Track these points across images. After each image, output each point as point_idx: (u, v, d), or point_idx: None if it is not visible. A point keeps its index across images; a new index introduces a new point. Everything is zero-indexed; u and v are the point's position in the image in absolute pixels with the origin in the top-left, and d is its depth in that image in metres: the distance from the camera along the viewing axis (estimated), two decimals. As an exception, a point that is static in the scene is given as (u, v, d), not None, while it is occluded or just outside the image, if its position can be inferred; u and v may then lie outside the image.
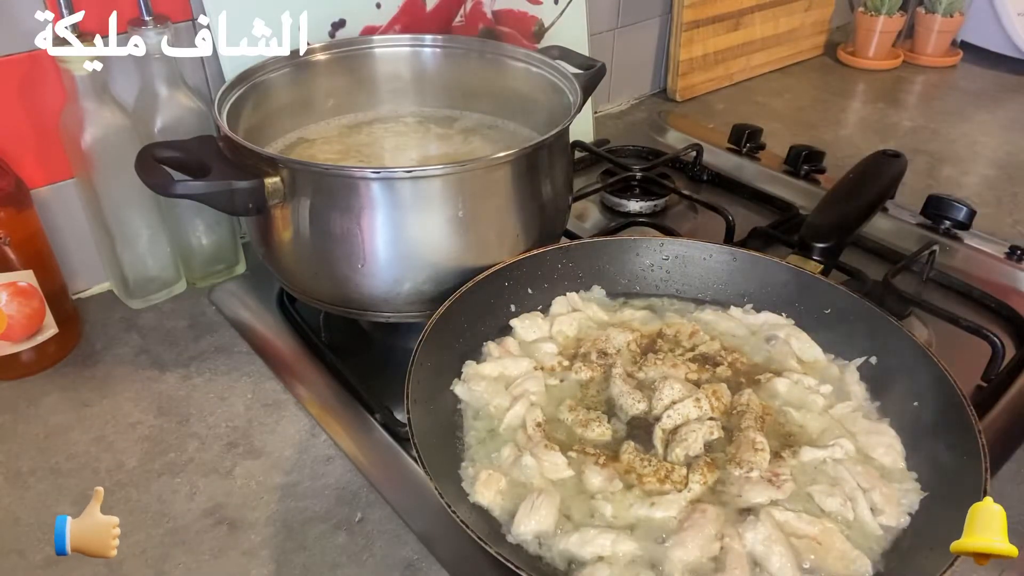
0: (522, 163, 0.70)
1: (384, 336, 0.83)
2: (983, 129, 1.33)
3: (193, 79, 0.82)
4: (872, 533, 0.56)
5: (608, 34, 1.27)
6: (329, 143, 0.85)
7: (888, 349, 0.67)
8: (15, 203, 0.71)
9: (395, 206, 0.67)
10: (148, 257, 0.83)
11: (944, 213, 0.97)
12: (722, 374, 0.69)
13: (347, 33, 0.91)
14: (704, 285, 0.78)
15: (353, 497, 0.64)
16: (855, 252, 0.93)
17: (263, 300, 0.86)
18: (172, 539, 0.60)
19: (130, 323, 0.82)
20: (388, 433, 0.69)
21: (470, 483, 0.58)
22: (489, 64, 0.88)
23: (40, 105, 0.75)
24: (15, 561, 0.58)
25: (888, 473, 0.60)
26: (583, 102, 0.77)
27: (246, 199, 0.65)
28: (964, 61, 1.58)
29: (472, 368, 0.68)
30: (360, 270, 0.69)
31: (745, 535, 0.54)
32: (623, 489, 0.58)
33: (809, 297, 0.74)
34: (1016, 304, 0.85)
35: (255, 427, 0.70)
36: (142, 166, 0.63)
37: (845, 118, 1.38)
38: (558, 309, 0.75)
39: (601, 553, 0.53)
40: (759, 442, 0.61)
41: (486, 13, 1.04)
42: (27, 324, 0.73)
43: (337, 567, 0.58)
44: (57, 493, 0.64)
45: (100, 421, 0.71)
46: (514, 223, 0.73)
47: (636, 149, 1.17)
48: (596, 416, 0.64)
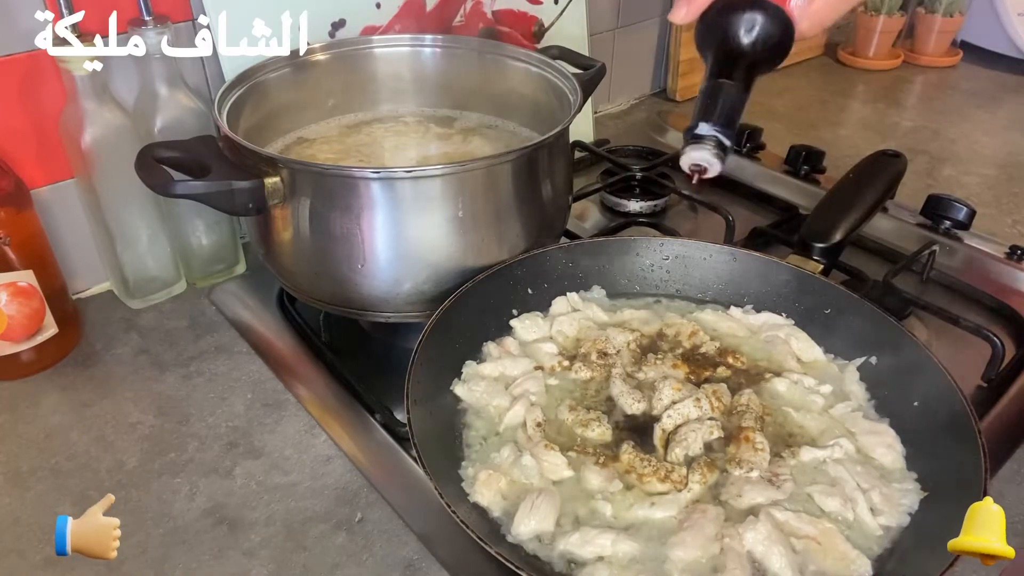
0: (522, 163, 0.70)
1: (384, 336, 0.83)
2: (983, 129, 1.33)
3: (193, 79, 0.82)
4: (872, 533, 0.56)
5: (608, 34, 1.27)
6: (329, 143, 0.85)
7: (888, 349, 0.67)
8: (15, 203, 0.71)
9: (395, 206, 0.67)
10: (148, 257, 0.83)
11: (944, 213, 0.97)
12: (722, 374, 0.69)
13: (347, 33, 0.91)
14: (704, 285, 0.78)
15: (353, 497, 0.64)
16: (855, 252, 0.93)
17: (263, 300, 0.86)
18: (172, 539, 0.60)
19: (130, 323, 0.82)
20: (388, 433, 0.69)
21: (470, 483, 0.58)
22: (489, 64, 0.88)
23: (40, 105, 0.75)
24: (15, 561, 0.58)
25: (888, 473, 0.60)
26: (583, 102, 0.77)
27: (246, 199, 0.65)
28: (964, 61, 1.58)
29: (472, 368, 0.68)
30: (360, 270, 0.69)
31: (745, 535, 0.54)
32: (623, 489, 0.58)
33: (809, 297, 0.74)
34: (1016, 304, 0.85)
35: (255, 427, 0.70)
36: (142, 166, 0.63)
37: (845, 118, 1.38)
38: (558, 309, 0.75)
39: (601, 553, 0.53)
40: (759, 442, 0.61)
41: (486, 13, 1.04)
42: (27, 324, 0.73)
43: (337, 567, 0.58)
44: (57, 493, 0.64)
45: (100, 421, 0.71)
46: (514, 223, 0.73)
47: (636, 149, 1.17)
48: (596, 416, 0.64)
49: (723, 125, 0.57)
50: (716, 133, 0.57)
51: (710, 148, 0.57)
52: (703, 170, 0.59)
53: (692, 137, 0.58)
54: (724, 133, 0.57)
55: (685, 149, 0.58)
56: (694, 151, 0.58)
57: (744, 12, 0.57)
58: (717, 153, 0.57)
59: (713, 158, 0.57)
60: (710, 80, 0.58)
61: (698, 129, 0.57)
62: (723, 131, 0.57)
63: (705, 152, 0.57)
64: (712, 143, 0.57)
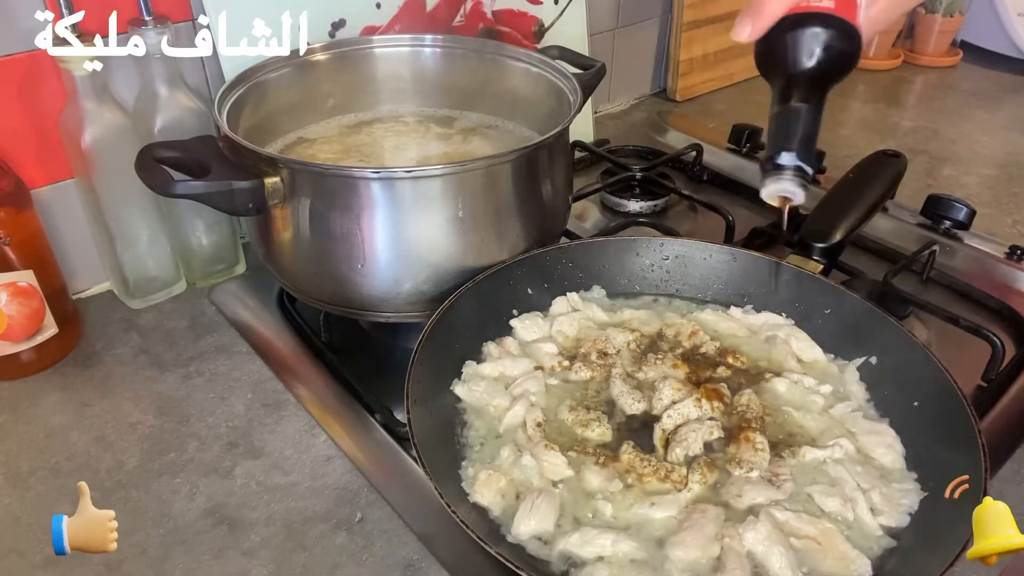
0: (522, 163, 0.70)
1: (384, 336, 0.83)
2: (983, 129, 1.33)
3: (193, 79, 0.82)
4: (872, 533, 0.56)
5: (608, 34, 1.27)
6: (329, 143, 0.85)
7: (888, 349, 0.67)
8: (15, 203, 0.71)
9: (395, 206, 0.67)
10: (148, 257, 0.83)
11: (944, 213, 0.97)
12: (722, 374, 0.69)
13: (347, 33, 0.91)
14: (704, 285, 0.78)
15: (353, 497, 0.64)
16: (855, 252, 0.93)
17: (263, 300, 0.86)
18: (172, 539, 0.60)
19: (130, 323, 0.82)
20: (388, 433, 0.69)
21: (470, 483, 0.58)
22: (489, 64, 0.88)
23: (40, 105, 0.75)
24: (15, 561, 0.58)
25: (888, 473, 0.60)
26: (583, 102, 0.77)
27: (246, 199, 0.65)
28: (964, 61, 1.58)
29: (472, 368, 0.68)
30: (360, 270, 0.69)
31: (745, 535, 0.54)
32: (623, 489, 0.58)
33: (809, 297, 0.74)
34: (1016, 304, 0.85)
35: (255, 427, 0.70)
36: (142, 166, 0.63)
37: (845, 118, 1.38)
38: (558, 309, 0.75)
39: (601, 553, 0.53)
40: (759, 442, 0.61)
41: (486, 13, 1.04)
42: (27, 324, 0.73)
43: (337, 567, 0.58)
44: (57, 493, 0.64)
45: (100, 421, 0.71)
46: (514, 223, 0.73)
47: (636, 149, 1.17)
48: (596, 416, 0.64)
49: (802, 151, 0.55)
50: (798, 162, 0.55)
51: (791, 177, 0.55)
52: (789, 199, 0.57)
53: (773, 167, 0.55)
54: (805, 160, 0.55)
55: (766, 181, 0.56)
56: (775, 183, 0.55)
57: (809, 28, 0.55)
58: (800, 182, 0.55)
59: (796, 187, 0.55)
60: (782, 104, 0.56)
61: (778, 159, 0.55)
62: (804, 158, 0.55)
63: (786, 183, 0.55)
64: (793, 171, 0.55)
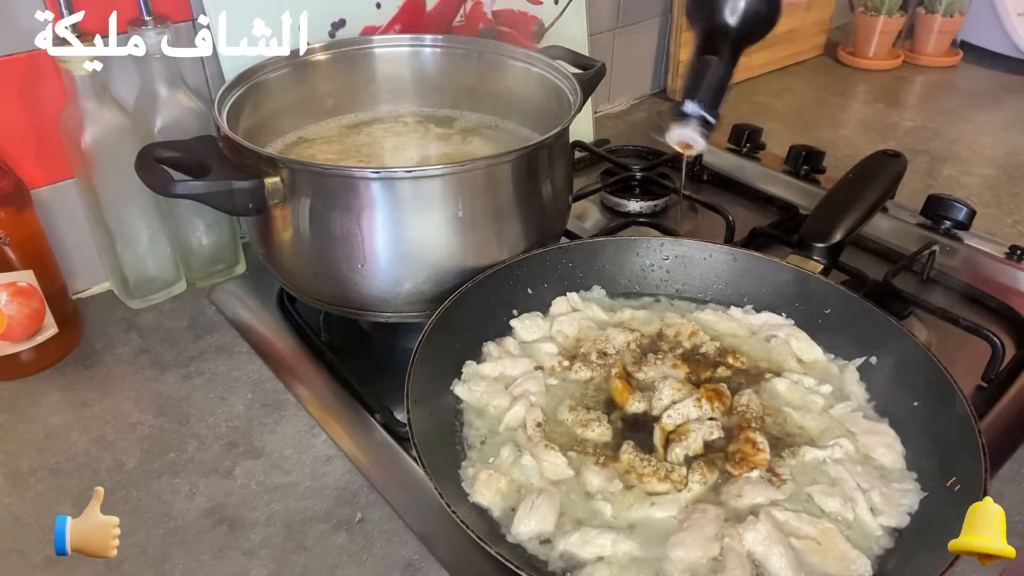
0: (522, 163, 0.70)
1: (384, 336, 0.83)
2: (983, 129, 1.33)
3: (193, 79, 0.82)
4: (872, 533, 0.56)
5: (608, 34, 1.27)
6: (329, 143, 0.85)
7: (888, 349, 0.67)
8: (15, 203, 0.71)
9: (395, 206, 0.67)
10: (148, 257, 0.83)
11: (944, 213, 0.97)
12: (722, 374, 0.69)
13: (347, 33, 0.91)
14: (704, 285, 0.79)
15: (353, 497, 0.64)
16: (855, 252, 0.93)
17: (263, 300, 0.86)
18: (172, 539, 0.60)
19: (130, 323, 0.82)
20: (388, 433, 0.69)
21: (470, 483, 0.58)
22: (489, 64, 0.88)
23: (40, 105, 0.75)
24: (15, 561, 0.58)
25: (888, 473, 0.60)
26: (583, 102, 0.76)
27: (246, 199, 0.65)
28: (964, 61, 1.58)
29: (472, 368, 0.68)
30: (360, 270, 0.69)
31: (745, 535, 0.54)
32: (623, 489, 0.58)
33: (809, 297, 0.74)
34: (1016, 304, 0.85)
35: (255, 427, 0.70)
36: (142, 166, 0.63)
37: (845, 118, 1.38)
38: (558, 309, 0.75)
39: (601, 553, 0.53)
40: (759, 442, 0.61)
41: (486, 13, 1.04)
42: (27, 324, 0.73)
43: (337, 567, 0.58)
44: (57, 493, 0.64)
45: (100, 421, 0.71)
46: (514, 223, 0.73)
47: (636, 149, 1.17)
48: (596, 416, 0.64)
49: (707, 101, 0.59)
50: (701, 112, 0.58)
51: (694, 126, 0.59)
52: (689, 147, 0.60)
53: (679, 114, 0.59)
54: (709, 111, 0.58)
55: (671, 126, 0.60)
56: (678, 128, 0.60)
57: None
58: (701, 131, 0.59)
59: (698, 136, 0.59)
60: (698, 56, 0.60)
61: (683, 107, 0.59)
62: (708, 109, 0.58)
63: (689, 129, 0.59)
64: (697, 121, 0.59)
